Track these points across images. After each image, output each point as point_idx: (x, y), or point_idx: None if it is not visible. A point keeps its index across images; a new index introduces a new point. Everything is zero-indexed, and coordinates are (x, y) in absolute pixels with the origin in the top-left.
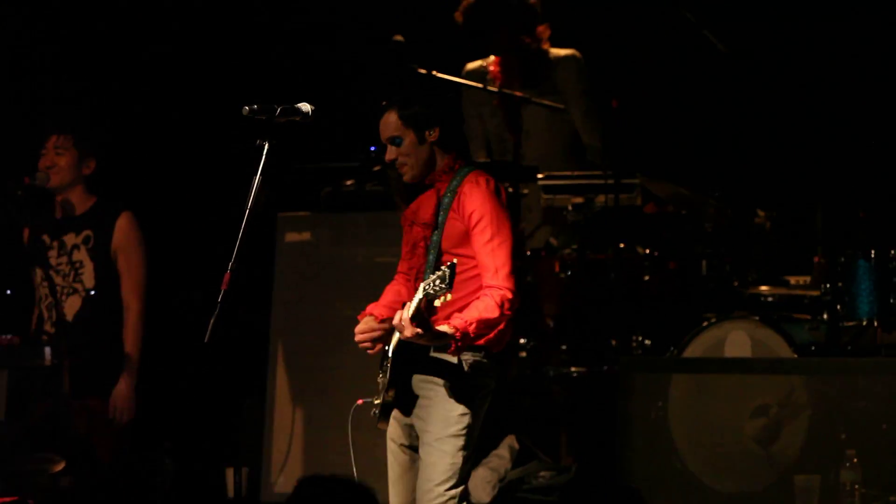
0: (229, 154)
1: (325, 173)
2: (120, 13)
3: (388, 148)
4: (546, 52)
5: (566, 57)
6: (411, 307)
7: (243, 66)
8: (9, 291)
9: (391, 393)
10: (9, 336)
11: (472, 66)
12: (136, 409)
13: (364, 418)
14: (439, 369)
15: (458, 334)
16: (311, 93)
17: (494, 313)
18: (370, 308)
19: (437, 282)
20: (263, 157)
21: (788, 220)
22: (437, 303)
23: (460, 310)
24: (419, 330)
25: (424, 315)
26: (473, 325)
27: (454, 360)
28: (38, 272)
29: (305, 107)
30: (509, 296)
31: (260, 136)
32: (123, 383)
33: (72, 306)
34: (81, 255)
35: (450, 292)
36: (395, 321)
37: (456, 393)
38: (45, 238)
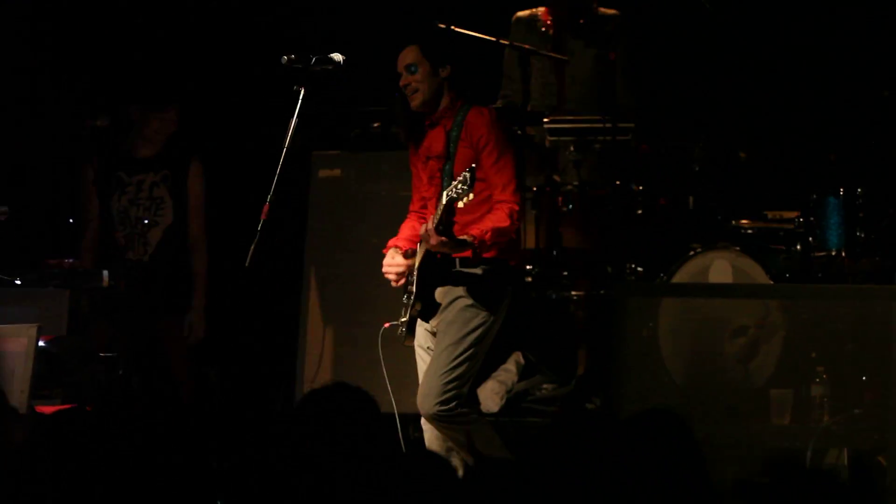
0: (269, 99)
1: (355, 116)
2: None
3: (404, 74)
4: (593, 7)
5: (611, 15)
6: (436, 216)
7: (277, 16)
8: (70, 220)
9: (417, 306)
10: (70, 259)
11: (522, 14)
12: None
13: (391, 340)
14: (463, 279)
15: (476, 241)
16: (344, 43)
17: (506, 223)
18: (392, 242)
19: (459, 185)
20: (300, 101)
21: (768, 161)
22: (460, 204)
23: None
24: (443, 238)
25: (448, 223)
26: (489, 234)
27: (477, 270)
28: (114, 205)
29: (337, 56)
30: (516, 208)
31: (296, 82)
32: (197, 304)
33: (154, 237)
34: (161, 192)
35: (472, 193)
36: (422, 231)
37: (478, 298)
38: (122, 175)
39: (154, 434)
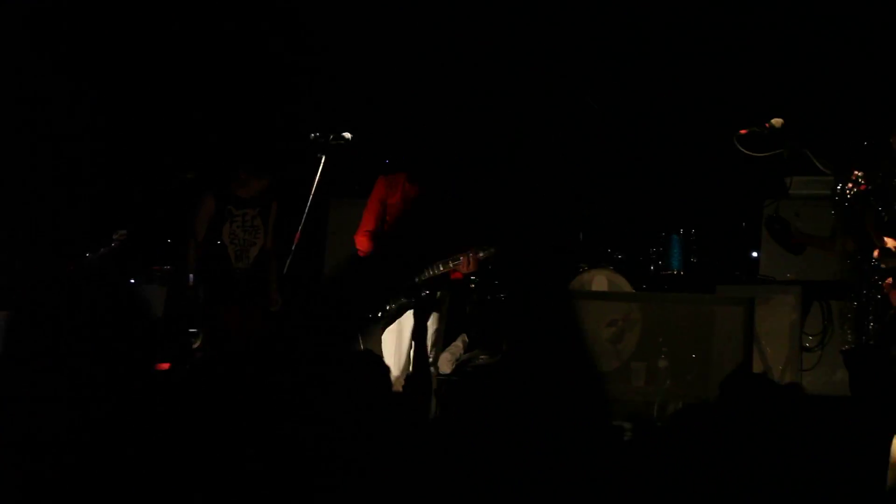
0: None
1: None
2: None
3: None
4: None
5: None
6: None
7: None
8: (219, 242)
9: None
10: (167, 266)
11: None
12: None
13: None
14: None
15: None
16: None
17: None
18: None
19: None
20: (321, 166)
21: (632, 209)
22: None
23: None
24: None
25: None
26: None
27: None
28: (225, 229)
29: (347, 135)
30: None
31: (319, 152)
32: (274, 288)
33: (253, 253)
34: (258, 223)
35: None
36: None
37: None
38: (231, 208)
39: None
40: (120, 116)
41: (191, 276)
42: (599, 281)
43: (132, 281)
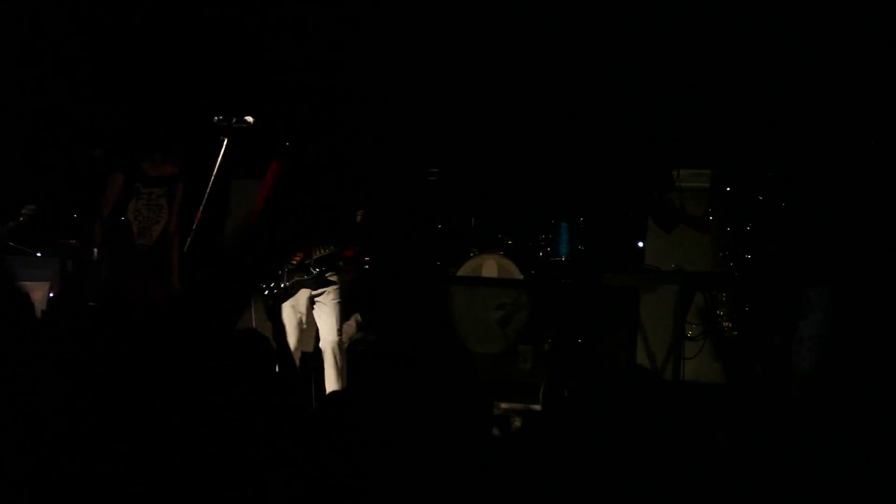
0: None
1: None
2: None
3: None
4: None
5: None
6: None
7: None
8: (123, 218)
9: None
10: (73, 241)
11: None
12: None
13: None
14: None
15: None
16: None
17: None
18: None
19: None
20: (223, 148)
21: (525, 198)
22: None
23: None
24: None
25: None
26: None
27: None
28: (131, 205)
29: (249, 118)
30: None
31: (222, 135)
32: (175, 272)
33: (156, 231)
34: (163, 202)
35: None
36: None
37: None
38: (139, 186)
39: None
40: (29, 93)
41: (95, 250)
42: (489, 265)
43: (38, 254)
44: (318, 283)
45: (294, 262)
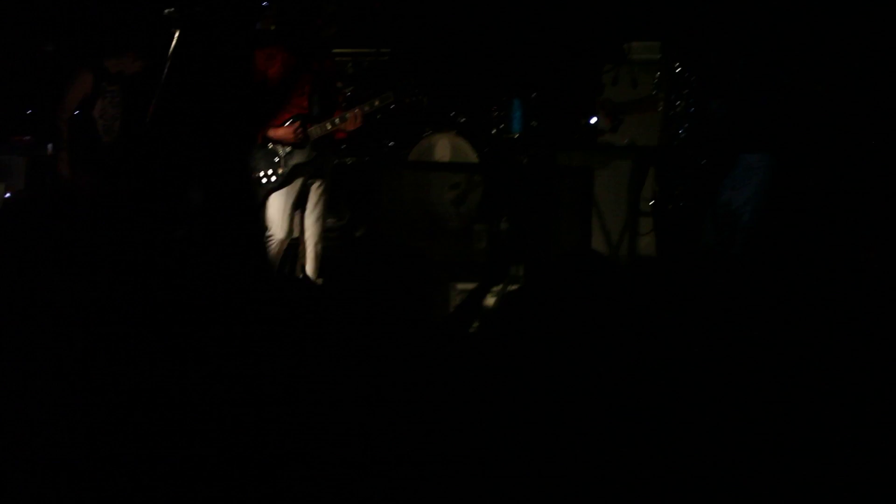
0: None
1: None
2: None
3: None
4: None
5: None
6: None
7: None
8: (76, 112)
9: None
10: (27, 136)
11: None
12: None
13: None
14: None
15: None
16: None
17: None
18: None
19: None
20: (174, 41)
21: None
22: None
23: None
24: None
25: None
26: None
27: None
28: (98, 104)
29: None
30: None
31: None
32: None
33: (117, 126)
34: (119, 99)
35: None
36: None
37: None
38: (105, 84)
39: None
40: None
41: (49, 145)
42: (443, 144)
43: None
44: (317, 169)
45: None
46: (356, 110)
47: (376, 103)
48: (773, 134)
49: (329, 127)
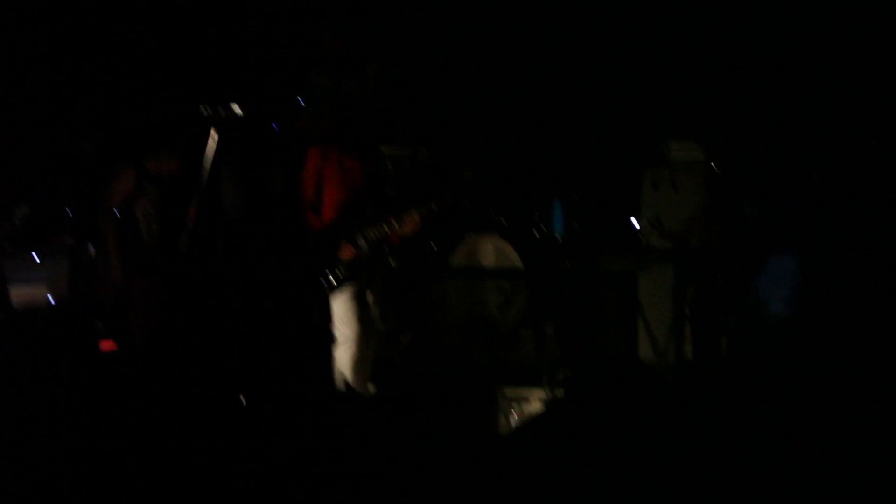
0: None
1: None
2: None
3: None
4: None
5: None
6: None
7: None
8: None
9: None
10: (68, 237)
11: None
12: None
13: None
14: None
15: None
16: None
17: None
18: None
19: None
20: (212, 141)
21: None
22: None
23: None
24: None
25: None
26: None
27: None
28: (140, 203)
29: (237, 107)
30: None
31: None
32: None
33: (155, 228)
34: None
35: None
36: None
37: None
38: (145, 183)
39: None
40: (14, 84)
41: (90, 246)
42: (486, 248)
43: (33, 253)
44: (371, 272)
45: (344, 258)
46: (414, 214)
47: (434, 207)
48: (805, 234)
49: (387, 230)
